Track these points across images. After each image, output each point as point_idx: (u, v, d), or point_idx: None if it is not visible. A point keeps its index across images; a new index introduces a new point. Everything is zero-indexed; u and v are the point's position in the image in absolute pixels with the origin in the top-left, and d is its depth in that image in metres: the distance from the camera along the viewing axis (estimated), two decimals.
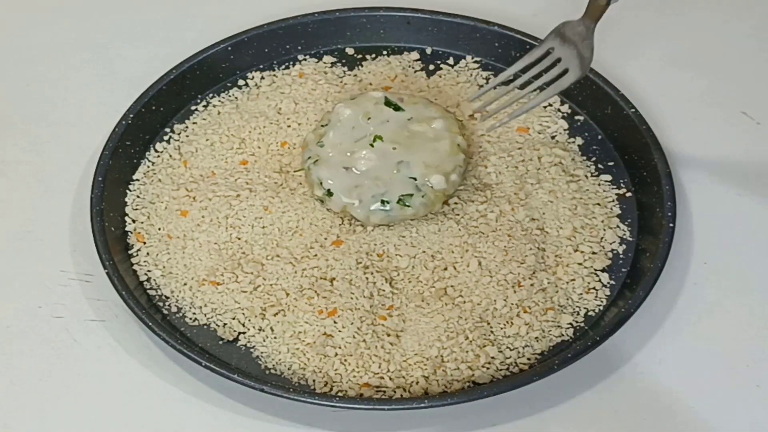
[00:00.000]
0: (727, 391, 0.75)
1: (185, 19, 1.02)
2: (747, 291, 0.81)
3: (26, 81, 0.97)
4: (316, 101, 0.91)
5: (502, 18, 0.95)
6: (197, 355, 0.73)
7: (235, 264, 0.81)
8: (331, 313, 0.77)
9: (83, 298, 0.81)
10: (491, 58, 0.95)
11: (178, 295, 0.80)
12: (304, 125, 0.89)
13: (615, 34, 1.00)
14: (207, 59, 0.92)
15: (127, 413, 0.74)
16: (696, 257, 0.82)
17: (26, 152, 0.91)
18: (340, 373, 0.75)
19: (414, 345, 0.76)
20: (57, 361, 0.77)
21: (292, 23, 0.95)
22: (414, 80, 0.93)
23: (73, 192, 0.87)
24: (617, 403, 0.75)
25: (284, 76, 0.94)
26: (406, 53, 0.96)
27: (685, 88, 0.95)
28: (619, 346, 0.76)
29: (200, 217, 0.83)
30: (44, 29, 1.02)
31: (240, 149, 0.88)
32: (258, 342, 0.77)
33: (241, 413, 0.74)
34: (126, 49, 0.99)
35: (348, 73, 0.94)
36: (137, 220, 0.84)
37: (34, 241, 0.84)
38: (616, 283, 0.80)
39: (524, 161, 0.87)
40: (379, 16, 0.96)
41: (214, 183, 0.85)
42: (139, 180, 0.87)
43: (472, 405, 0.73)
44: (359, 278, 0.79)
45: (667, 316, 0.79)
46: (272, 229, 0.82)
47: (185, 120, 0.91)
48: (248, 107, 0.91)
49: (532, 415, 0.74)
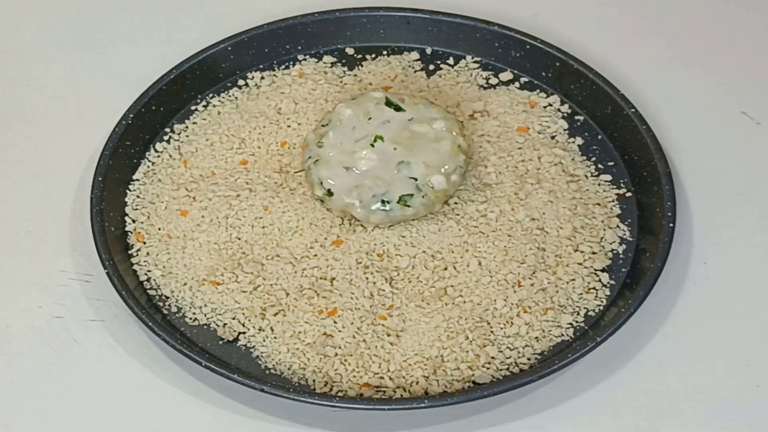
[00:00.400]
0: (727, 391, 0.75)
1: (185, 19, 1.02)
2: (747, 291, 0.81)
3: (26, 81, 0.97)
4: (316, 101, 0.91)
5: (502, 18, 0.95)
6: (197, 355, 0.73)
7: (235, 264, 0.81)
8: (331, 312, 0.77)
9: (83, 298, 0.81)
10: (491, 58, 0.95)
11: (178, 295, 0.80)
12: (304, 125, 0.89)
13: (615, 34, 1.01)
14: (207, 59, 0.92)
15: (127, 413, 0.74)
16: (696, 257, 0.83)
17: (26, 152, 0.91)
18: (340, 373, 0.75)
19: (414, 345, 0.76)
20: (57, 361, 0.77)
21: (292, 23, 0.95)
22: (414, 80, 0.93)
23: (73, 192, 0.87)
24: (617, 403, 0.75)
25: (284, 76, 0.94)
26: (406, 53, 0.96)
27: (685, 88, 0.95)
28: (619, 346, 0.76)
29: (200, 217, 0.83)
30: (44, 29, 1.02)
31: (240, 149, 0.88)
32: (258, 342, 0.77)
33: (241, 413, 0.74)
34: (126, 49, 0.99)
35: (348, 73, 0.94)
36: (137, 220, 0.84)
37: (34, 241, 0.84)
38: (616, 283, 0.80)
39: (524, 161, 0.87)
40: (379, 16, 0.96)
41: (214, 183, 0.85)
42: (139, 180, 0.87)
43: (472, 405, 0.73)
44: (359, 278, 0.79)
45: (667, 316, 0.79)
46: (272, 229, 0.82)
47: (185, 120, 0.91)
48: (248, 107, 0.91)
49: (532, 415, 0.74)
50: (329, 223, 0.83)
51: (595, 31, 1.00)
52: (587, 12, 1.03)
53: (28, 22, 1.02)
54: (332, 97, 0.91)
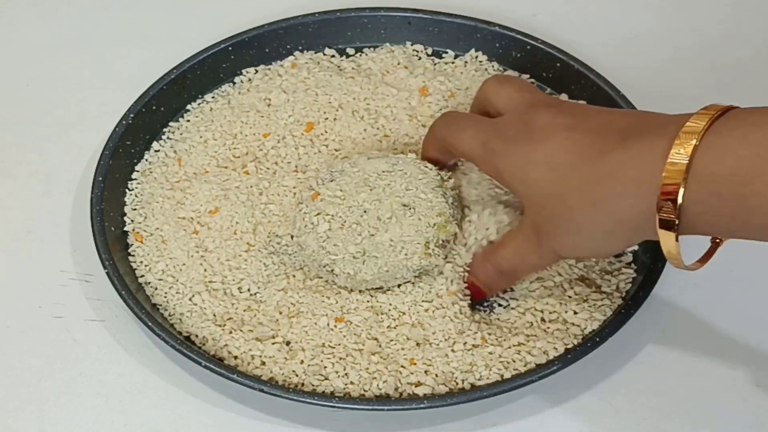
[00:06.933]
0: (727, 390, 0.75)
1: (185, 19, 1.02)
2: (747, 291, 0.81)
3: (26, 81, 0.97)
4: (307, 90, 0.91)
5: (503, 18, 0.95)
6: (197, 355, 0.73)
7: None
8: (338, 320, 0.77)
9: (83, 298, 0.81)
10: (492, 58, 0.95)
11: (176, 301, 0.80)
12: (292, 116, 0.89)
13: (615, 34, 1.01)
14: (207, 59, 0.92)
15: (127, 413, 0.74)
16: (696, 257, 0.82)
17: (26, 152, 0.91)
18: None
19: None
20: (57, 361, 0.77)
21: (293, 23, 0.95)
22: (419, 65, 0.93)
23: (73, 192, 0.87)
24: (617, 403, 0.75)
25: (278, 67, 0.94)
26: (409, 43, 0.96)
27: (685, 88, 0.95)
28: (620, 346, 0.76)
29: (195, 215, 0.83)
30: (44, 29, 1.02)
31: (233, 145, 0.88)
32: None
33: (241, 413, 0.74)
34: (126, 49, 0.99)
35: (346, 61, 0.95)
36: (135, 220, 0.84)
37: (34, 241, 0.84)
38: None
39: None
40: (380, 17, 0.96)
41: (206, 181, 0.85)
42: (137, 179, 0.86)
43: (472, 405, 0.73)
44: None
45: (667, 316, 0.79)
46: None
47: (179, 118, 0.91)
48: (239, 101, 0.91)
49: (532, 415, 0.74)
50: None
51: (595, 31, 1.00)
52: (587, 12, 1.03)
53: (28, 22, 1.03)
54: (325, 83, 0.91)
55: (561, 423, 0.74)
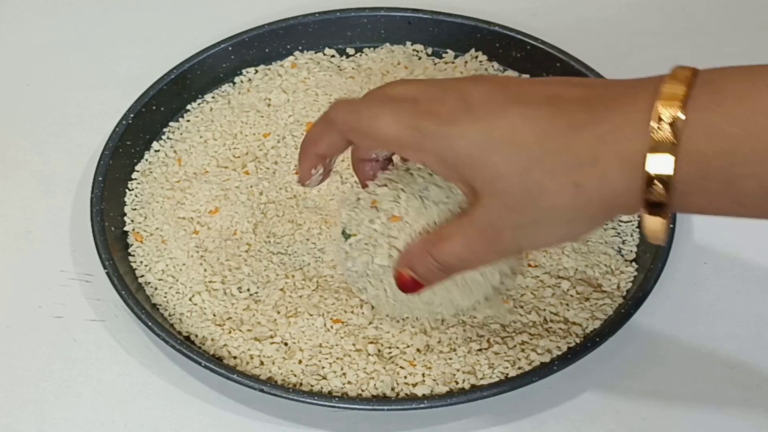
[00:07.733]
0: (727, 391, 0.75)
1: (185, 19, 1.02)
2: (747, 291, 0.81)
3: (26, 81, 0.97)
4: (307, 90, 0.91)
5: (503, 18, 0.95)
6: (197, 355, 0.73)
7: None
8: (335, 321, 0.77)
9: (83, 298, 0.81)
10: (492, 58, 0.95)
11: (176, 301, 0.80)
12: (292, 116, 0.89)
13: (615, 34, 1.01)
14: (207, 59, 0.92)
15: (127, 413, 0.74)
16: (696, 257, 0.82)
17: (26, 152, 0.91)
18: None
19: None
20: (57, 361, 0.77)
21: (293, 23, 0.95)
22: (418, 65, 0.93)
23: (73, 192, 0.87)
24: (617, 403, 0.75)
25: (278, 67, 0.94)
26: (409, 43, 0.96)
27: None
28: (620, 345, 0.76)
29: (194, 215, 0.83)
30: (44, 29, 1.02)
31: (233, 145, 0.88)
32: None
33: (241, 413, 0.74)
34: (126, 49, 0.99)
35: (346, 60, 0.95)
36: (135, 220, 0.84)
37: (34, 241, 0.84)
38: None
39: None
40: (380, 17, 0.96)
41: (206, 181, 0.85)
42: (137, 179, 0.87)
43: (472, 405, 0.73)
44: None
45: (667, 316, 0.79)
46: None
47: (179, 118, 0.91)
48: (239, 101, 0.91)
49: (532, 415, 0.74)
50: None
51: (595, 31, 1.00)
52: (587, 12, 1.03)
53: (28, 22, 1.03)
54: (325, 83, 0.91)
55: (561, 423, 0.74)
